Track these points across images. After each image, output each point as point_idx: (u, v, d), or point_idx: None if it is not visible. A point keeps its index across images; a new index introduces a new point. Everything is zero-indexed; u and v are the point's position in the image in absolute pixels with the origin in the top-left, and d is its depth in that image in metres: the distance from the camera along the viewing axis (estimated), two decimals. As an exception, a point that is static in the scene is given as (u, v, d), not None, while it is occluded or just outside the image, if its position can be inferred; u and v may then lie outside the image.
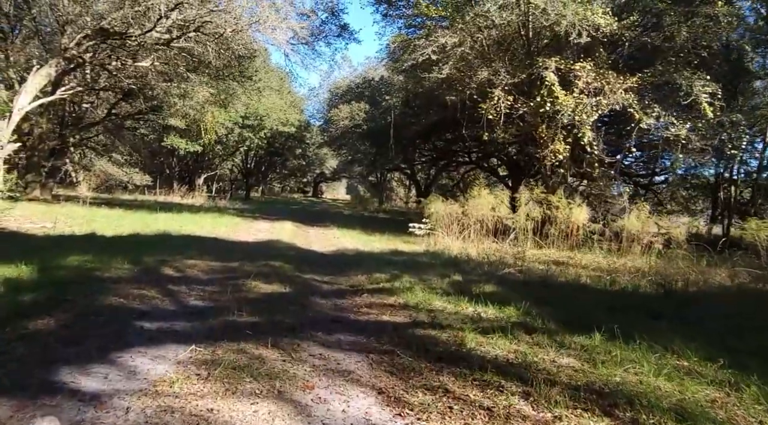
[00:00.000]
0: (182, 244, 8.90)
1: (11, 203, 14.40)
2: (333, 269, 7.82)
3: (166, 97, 20.14)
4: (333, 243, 11.68)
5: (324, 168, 62.03)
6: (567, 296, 6.64)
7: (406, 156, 30.73)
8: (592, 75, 11.64)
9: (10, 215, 12.37)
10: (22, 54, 18.42)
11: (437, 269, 8.21)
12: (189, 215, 15.78)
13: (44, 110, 17.33)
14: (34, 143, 17.21)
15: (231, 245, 9.71)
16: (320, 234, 13.89)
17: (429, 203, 13.46)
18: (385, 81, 28.39)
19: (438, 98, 18.10)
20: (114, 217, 13.63)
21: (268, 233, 12.58)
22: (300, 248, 10.31)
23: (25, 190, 17.44)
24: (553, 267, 10.12)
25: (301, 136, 41.51)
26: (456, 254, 10.75)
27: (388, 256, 9.80)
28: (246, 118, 31.00)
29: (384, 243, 12.17)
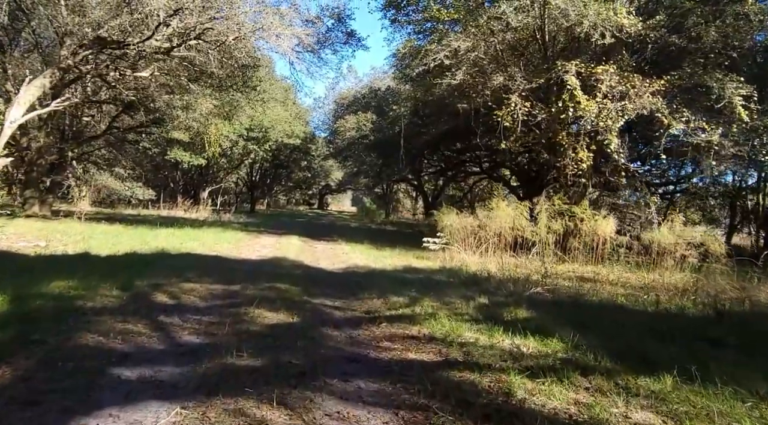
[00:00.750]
0: (181, 264, 8.23)
1: (5, 219, 13.82)
2: (344, 291, 7.11)
3: (168, 110, 19.64)
4: (342, 260, 10.98)
5: (329, 180, 61.66)
6: (607, 320, 5.89)
7: (414, 167, 30.14)
8: (615, 78, 10.96)
9: (3, 233, 11.78)
10: (22, 67, 17.98)
11: (458, 290, 7.49)
12: (191, 230, 15.14)
13: (43, 123, 16.85)
14: (33, 158, 16.69)
15: (233, 264, 9.02)
16: (328, 250, 13.20)
17: (442, 216, 12.75)
18: (392, 91, 27.85)
19: (449, 107, 17.48)
20: (112, 234, 13.00)
21: (273, 250, 11.90)
22: (307, 265, 9.61)
23: (23, 206, 16.90)
24: (580, 284, 9.40)
25: (306, 148, 41.05)
26: (475, 271, 10.01)
27: (402, 274, 9.08)
28: (251, 130, 30.53)
29: (396, 259, 11.45)
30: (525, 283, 8.39)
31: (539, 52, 13.21)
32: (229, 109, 29.12)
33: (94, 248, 10.09)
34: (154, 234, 13.37)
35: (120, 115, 18.41)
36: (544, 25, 12.19)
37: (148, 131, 20.49)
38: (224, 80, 15.38)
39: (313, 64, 14.44)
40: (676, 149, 12.59)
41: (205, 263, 8.57)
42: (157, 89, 17.80)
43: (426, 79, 16.34)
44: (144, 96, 17.77)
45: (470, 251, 11.81)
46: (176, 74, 14.12)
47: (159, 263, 8.12)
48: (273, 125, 30.97)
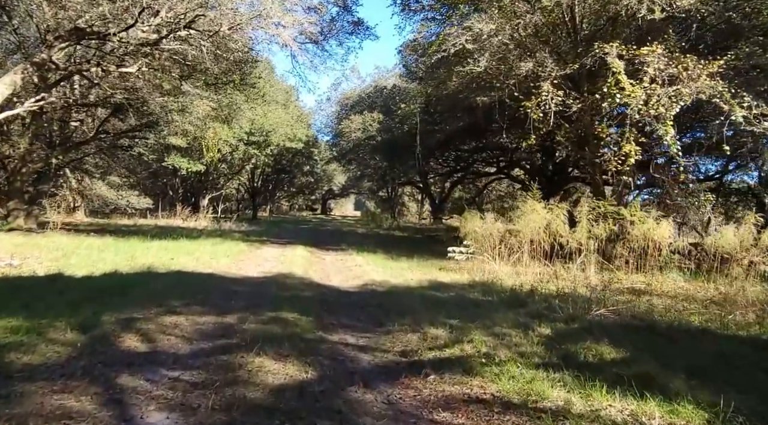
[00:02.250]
0: (167, 287, 6.85)
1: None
2: (367, 319, 5.73)
3: (162, 113, 18.30)
4: (356, 274, 9.59)
5: (332, 185, 60.39)
6: (720, 359, 4.49)
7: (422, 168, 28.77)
8: (663, 60, 9.57)
9: (-28, 251, 10.44)
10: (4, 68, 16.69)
11: (505, 313, 6.11)
12: (187, 242, 13.78)
13: (25, 129, 15.55)
14: (16, 166, 15.38)
15: (230, 284, 7.63)
16: (338, 261, 11.82)
17: (465, 221, 11.37)
18: (398, 89, 26.50)
19: (463, 102, 16.12)
20: (98, 248, 11.64)
21: (277, 263, 10.52)
22: (317, 283, 8.22)
23: (6, 219, 15.56)
24: (635, 298, 8.03)
25: (308, 152, 39.71)
26: (512, 285, 8.62)
27: (430, 293, 7.69)
28: (251, 134, 29.18)
29: (418, 272, 10.06)
30: (580, 302, 7.00)
31: (568, 37, 11.84)
32: (228, 112, 27.91)
33: (72, 267, 8.74)
34: (144, 248, 12.01)
35: (109, 118, 17.06)
36: (574, 4, 10.85)
37: (141, 136, 19.16)
38: (220, 77, 14.07)
39: (317, 56, 13.15)
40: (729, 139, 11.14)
41: (196, 285, 7.18)
42: (150, 91, 16.47)
43: (438, 72, 15.00)
44: (135, 98, 16.42)
45: (500, 261, 10.43)
46: (167, 71, 12.79)
47: (140, 287, 6.74)
48: (274, 128, 29.61)
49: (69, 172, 24.68)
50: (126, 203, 25.83)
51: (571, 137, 11.90)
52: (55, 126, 17.60)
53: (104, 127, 17.99)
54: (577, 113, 11.18)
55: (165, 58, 12.41)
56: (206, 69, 13.54)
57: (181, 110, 20.20)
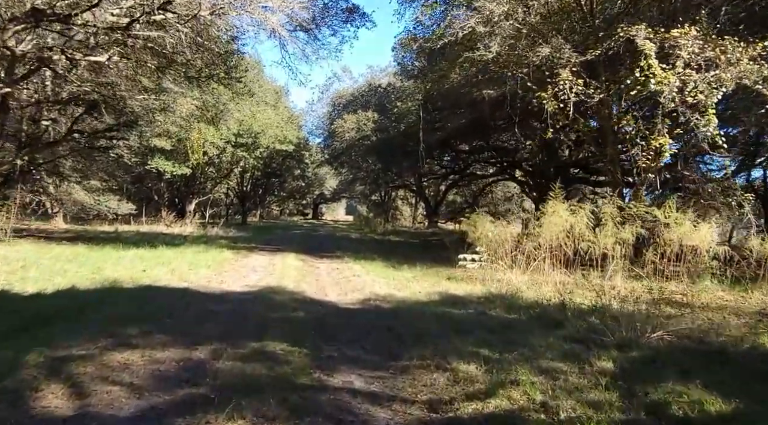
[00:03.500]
0: (128, 309, 5.62)
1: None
2: (375, 348, 4.56)
3: (142, 112, 17.03)
4: (355, 286, 8.40)
5: (324, 189, 59.24)
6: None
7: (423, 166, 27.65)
8: (698, 43, 8.53)
9: None
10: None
11: (542, 337, 4.99)
12: (166, 250, 12.52)
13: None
14: (-22, 169, 14.04)
15: (207, 302, 6.41)
16: (334, 271, 10.61)
17: (475, 225, 10.24)
18: (394, 88, 25.37)
19: (466, 97, 15.03)
20: (65, 259, 10.37)
21: (265, 274, 9.30)
22: (312, 299, 7.02)
23: (-33, 226, 14.18)
24: (679, 313, 6.98)
25: (299, 155, 38.46)
26: (535, 298, 7.51)
27: (444, 309, 6.52)
28: (239, 135, 27.90)
29: (424, 283, 8.89)
30: (623, 320, 5.88)
31: (584, 22, 10.79)
32: (215, 112, 26.62)
33: (26, 281, 7.49)
34: (117, 257, 10.75)
35: (83, 117, 15.72)
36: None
37: (119, 136, 17.85)
38: (202, 70, 12.85)
39: (309, 44, 11.97)
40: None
41: (165, 305, 5.95)
42: (129, 87, 15.22)
43: (440, 64, 13.90)
44: (111, 95, 15.13)
45: (517, 269, 9.30)
46: (143, 62, 11.54)
47: (95, 309, 5.52)
48: (263, 129, 28.35)
49: (46, 176, 23.33)
50: (106, 208, 24.43)
51: (589, 131, 10.82)
52: (25, 125, 16.24)
53: (78, 126, 16.65)
54: (596, 104, 10.13)
55: (140, 47, 11.18)
56: (187, 61, 12.33)
57: (163, 108, 18.95)
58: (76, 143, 17.23)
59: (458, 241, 15.10)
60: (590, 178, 23.99)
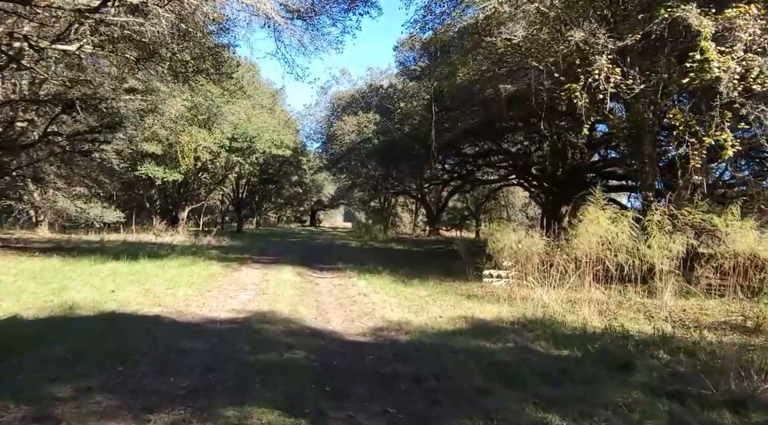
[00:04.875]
0: (76, 347, 4.34)
1: None
2: (406, 414, 3.27)
3: (126, 112, 15.77)
4: (363, 309, 7.10)
5: (322, 195, 58.02)
6: None
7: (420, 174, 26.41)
8: (760, 23, 7.34)
9: None
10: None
11: (619, 389, 3.72)
12: (148, 263, 11.21)
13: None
14: (-56, 175, 12.74)
15: (180, 336, 5.09)
16: (336, 288, 9.32)
17: (497, 235, 8.99)
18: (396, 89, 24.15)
19: (477, 95, 13.83)
20: (28, 275, 9.06)
21: (256, 294, 8.00)
22: (311, 330, 5.72)
23: (-68, 237, 12.86)
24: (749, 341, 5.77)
25: (297, 161, 37.20)
26: (581, 324, 6.25)
27: (477, 343, 5.23)
28: (234, 140, 26.62)
29: (443, 303, 7.61)
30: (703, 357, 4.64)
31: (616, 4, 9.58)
32: (208, 115, 25.37)
33: None
34: (89, 273, 9.45)
35: (59, 118, 14.44)
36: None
37: (102, 139, 16.56)
38: (189, 64, 11.62)
39: (307, 32, 10.72)
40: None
41: (124, 342, 4.65)
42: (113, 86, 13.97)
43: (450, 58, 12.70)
44: (91, 94, 13.87)
45: (547, 287, 8.04)
46: (120, 52, 10.26)
47: (28, 352, 4.22)
48: (259, 133, 27.07)
49: (31, 182, 22.02)
50: (92, 216, 23.06)
51: (624, 127, 9.61)
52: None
53: (57, 128, 15.38)
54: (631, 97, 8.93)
55: (117, 36, 9.93)
56: (172, 53, 11.08)
57: (151, 110, 17.70)
58: (55, 146, 15.94)
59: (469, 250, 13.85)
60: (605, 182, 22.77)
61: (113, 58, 10.46)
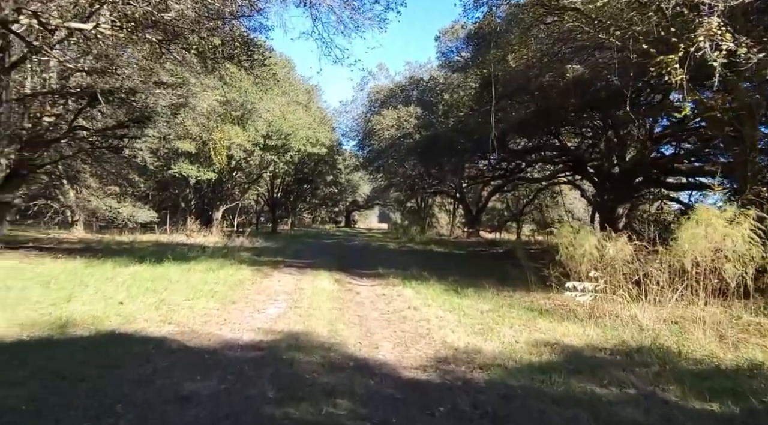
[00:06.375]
0: (38, 392, 3.18)
1: None
2: None
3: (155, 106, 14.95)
4: (417, 329, 5.78)
5: (357, 196, 57.13)
6: None
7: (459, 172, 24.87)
8: None
9: None
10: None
11: None
12: (172, 267, 10.22)
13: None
14: (-32, 171, 12.12)
15: (184, 371, 3.86)
16: (380, 299, 8.03)
17: (572, 240, 7.52)
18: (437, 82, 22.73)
19: (536, 81, 12.31)
20: (40, 280, 8.15)
21: (287, 307, 6.78)
22: (356, 361, 4.42)
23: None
24: None
25: (332, 160, 36.21)
26: (706, 356, 4.76)
27: (582, 387, 3.82)
28: (268, 137, 25.74)
29: (514, 322, 6.20)
30: None
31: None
32: (242, 112, 24.58)
33: None
34: (106, 278, 8.47)
35: (85, 111, 13.71)
36: None
37: (131, 135, 15.84)
38: (218, 49, 10.58)
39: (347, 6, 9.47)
40: None
41: (106, 386, 3.46)
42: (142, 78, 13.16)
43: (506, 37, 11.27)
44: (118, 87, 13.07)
45: (641, 301, 6.53)
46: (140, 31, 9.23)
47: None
48: (294, 130, 26.13)
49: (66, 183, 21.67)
50: (126, 216, 22.55)
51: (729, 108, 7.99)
52: (27, 122, 14.34)
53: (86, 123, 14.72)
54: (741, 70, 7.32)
55: (138, 15, 8.94)
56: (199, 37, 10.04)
57: (182, 104, 16.90)
58: (83, 141, 15.27)
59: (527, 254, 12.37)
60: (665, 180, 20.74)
61: (135, 40, 9.47)
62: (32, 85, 14.36)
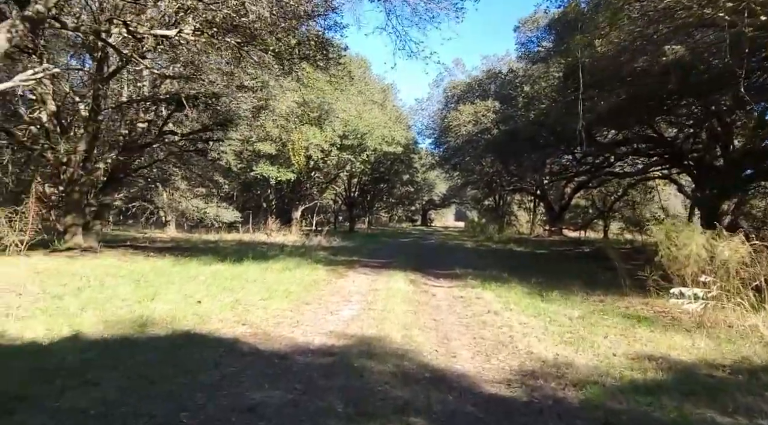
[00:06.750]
0: (108, 396, 3.15)
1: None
2: None
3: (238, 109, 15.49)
4: (498, 337, 5.34)
5: (433, 194, 56.71)
6: None
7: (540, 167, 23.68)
8: None
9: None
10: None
11: None
12: (251, 266, 10.44)
13: (82, 129, 13.33)
14: (73, 175, 13.14)
15: (253, 377, 3.71)
16: (457, 301, 7.63)
17: (674, 237, 6.70)
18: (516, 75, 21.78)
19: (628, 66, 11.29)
20: (130, 278, 8.55)
21: (361, 310, 6.58)
22: (432, 371, 4.08)
23: (63, 236, 13.35)
24: None
25: (408, 158, 36.00)
26: None
27: (700, 416, 3.25)
28: (344, 137, 26.01)
29: (609, 332, 5.57)
30: None
31: None
32: (319, 112, 25.02)
33: (54, 313, 5.52)
34: (189, 277, 8.77)
35: (174, 117, 14.47)
36: None
37: (216, 138, 16.54)
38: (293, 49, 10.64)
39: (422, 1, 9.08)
40: None
41: (174, 391, 3.38)
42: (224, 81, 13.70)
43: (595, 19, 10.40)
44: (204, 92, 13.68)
45: (766, 310, 5.64)
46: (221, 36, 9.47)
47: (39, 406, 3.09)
48: (370, 129, 26.21)
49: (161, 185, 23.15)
50: (212, 216, 23.72)
51: None
52: (124, 128, 15.37)
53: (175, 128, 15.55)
54: None
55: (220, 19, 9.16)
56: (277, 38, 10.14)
57: (262, 107, 17.43)
58: (172, 145, 16.16)
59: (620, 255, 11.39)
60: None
61: (216, 44, 9.73)
62: (128, 93, 15.40)
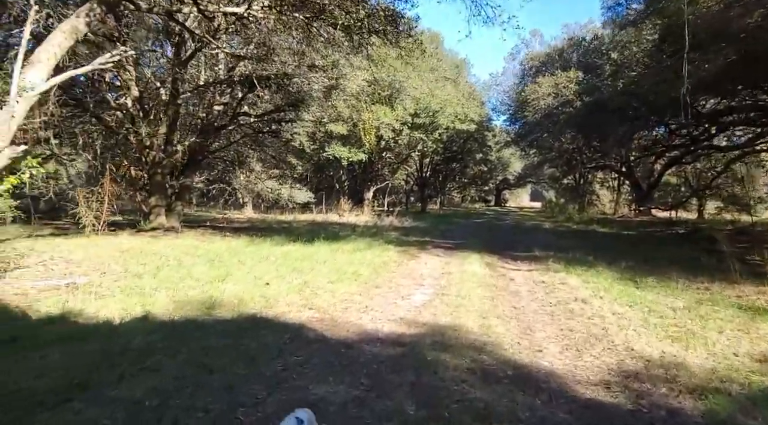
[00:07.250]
0: (166, 385, 2.98)
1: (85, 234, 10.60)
2: None
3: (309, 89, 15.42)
4: (588, 329, 4.74)
5: (507, 173, 54.80)
6: None
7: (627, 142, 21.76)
8: None
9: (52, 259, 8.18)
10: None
11: None
12: (322, 246, 10.33)
13: (162, 113, 13.79)
14: (155, 158, 13.69)
15: (316, 371, 3.44)
16: (538, 286, 7.02)
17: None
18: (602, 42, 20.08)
19: (738, 22, 9.85)
20: (206, 257, 8.71)
21: (434, 293, 6.16)
22: (514, 368, 3.61)
23: (147, 217, 14.03)
24: None
25: (482, 136, 34.75)
26: None
27: None
28: (416, 115, 25.43)
29: (725, 328, 4.80)
30: None
31: None
32: (390, 92, 24.56)
33: (130, 291, 5.63)
34: (261, 257, 8.77)
35: (245, 97, 14.62)
36: None
37: (287, 119, 16.61)
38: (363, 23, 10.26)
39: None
40: None
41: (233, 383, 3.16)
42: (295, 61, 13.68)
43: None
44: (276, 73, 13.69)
45: None
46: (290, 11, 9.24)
47: (94, 392, 2.97)
48: (442, 107, 25.43)
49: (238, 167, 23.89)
50: (286, 197, 24.19)
51: None
52: (202, 111, 15.83)
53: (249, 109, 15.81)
54: None
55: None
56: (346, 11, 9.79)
57: (333, 86, 17.29)
58: (246, 127, 16.46)
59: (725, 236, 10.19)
60: None
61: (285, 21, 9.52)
62: (205, 77, 15.77)
